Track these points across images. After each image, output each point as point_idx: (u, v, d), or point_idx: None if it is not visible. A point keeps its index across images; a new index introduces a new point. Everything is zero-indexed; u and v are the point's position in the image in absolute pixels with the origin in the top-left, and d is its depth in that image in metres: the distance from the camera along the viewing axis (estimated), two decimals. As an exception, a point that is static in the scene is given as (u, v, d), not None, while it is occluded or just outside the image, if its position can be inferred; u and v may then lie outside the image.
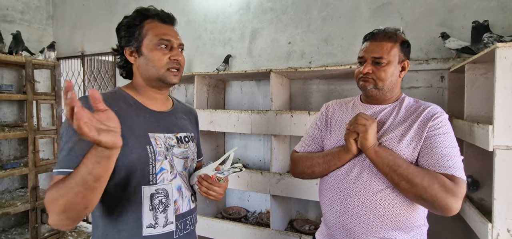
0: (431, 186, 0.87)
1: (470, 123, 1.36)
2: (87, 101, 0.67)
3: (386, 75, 1.00)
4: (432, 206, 0.88)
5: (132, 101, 0.92)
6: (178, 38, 0.94)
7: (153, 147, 0.87)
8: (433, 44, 1.89)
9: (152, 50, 0.90)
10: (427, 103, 1.02)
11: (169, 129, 0.96)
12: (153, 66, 0.90)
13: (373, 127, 0.96)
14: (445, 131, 0.94)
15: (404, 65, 1.03)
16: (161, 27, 0.92)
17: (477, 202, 1.51)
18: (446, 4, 1.86)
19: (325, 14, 2.22)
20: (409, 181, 0.89)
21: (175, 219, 0.91)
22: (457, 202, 0.86)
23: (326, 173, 1.08)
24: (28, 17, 3.20)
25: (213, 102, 2.49)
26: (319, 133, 1.19)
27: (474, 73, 1.48)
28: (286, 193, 1.95)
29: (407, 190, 0.90)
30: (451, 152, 0.91)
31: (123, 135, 0.79)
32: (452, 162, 0.90)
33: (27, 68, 2.61)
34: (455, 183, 0.87)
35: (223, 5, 2.59)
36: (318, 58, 2.26)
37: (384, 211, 0.95)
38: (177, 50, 0.93)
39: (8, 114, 2.94)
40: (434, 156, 0.91)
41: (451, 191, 0.86)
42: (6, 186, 2.97)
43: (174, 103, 1.06)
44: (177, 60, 0.92)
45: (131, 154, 0.83)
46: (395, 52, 1.00)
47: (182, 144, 0.98)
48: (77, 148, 0.76)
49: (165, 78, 0.91)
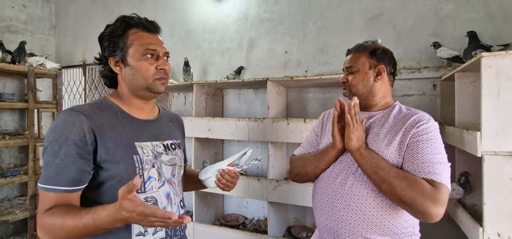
0: (409, 189, 0.88)
1: (460, 129, 1.39)
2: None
3: (356, 81, 1.10)
4: (411, 210, 0.89)
5: (119, 111, 0.92)
6: (163, 47, 0.94)
7: (140, 156, 0.87)
8: (425, 53, 1.95)
9: (139, 61, 0.89)
10: (417, 111, 1.05)
11: (156, 136, 0.96)
12: (141, 76, 0.89)
13: (359, 129, 1.01)
14: (429, 137, 0.96)
15: (379, 69, 1.08)
16: (146, 37, 0.91)
17: (470, 207, 1.53)
18: (437, 14, 1.92)
19: (320, 25, 2.28)
20: (389, 183, 0.92)
21: None
22: (436, 207, 0.85)
23: (317, 171, 1.13)
24: (31, 28, 3.27)
25: (212, 110, 2.53)
26: (315, 138, 1.25)
27: (464, 82, 1.53)
28: (283, 199, 1.97)
29: (388, 192, 0.92)
30: (434, 158, 0.92)
31: (109, 145, 0.83)
32: (433, 167, 0.90)
33: (29, 77, 2.66)
34: (435, 188, 0.87)
35: (221, 16, 2.66)
36: (314, 67, 2.31)
37: (370, 214, 0.98)
38: (163, 59, 0.93)
39: (10, 123, 2.97)
40: (416, 161, 0.93)
41: (429, 195, 0.86)
42: (5, 193, 2.99)
43: (160, 110, 1.06)
44: (164, 70, 0.92)
45: (119, 165, 0.83)
46: (363, 60, 1.10)
47: (170, 151, 0.98)
48: (64, 164, 0.78)
49: (153, 88, 0.91)
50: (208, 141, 2.45)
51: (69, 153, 0.78)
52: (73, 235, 0.75)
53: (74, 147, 0.78)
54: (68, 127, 0.79)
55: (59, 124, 0.80)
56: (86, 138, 0.80)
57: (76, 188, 0.79)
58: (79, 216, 0.74)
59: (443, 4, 1.90)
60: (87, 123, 0.81)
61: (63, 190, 0.77)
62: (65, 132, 0.79)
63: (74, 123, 0.80)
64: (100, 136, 0.83)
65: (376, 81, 1.09)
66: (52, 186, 0.77)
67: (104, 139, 0.83)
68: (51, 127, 0.82)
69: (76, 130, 0.79)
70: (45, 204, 0.77)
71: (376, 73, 1.08)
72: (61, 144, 0.78)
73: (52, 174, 0.77)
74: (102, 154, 0.82)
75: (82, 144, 0.79)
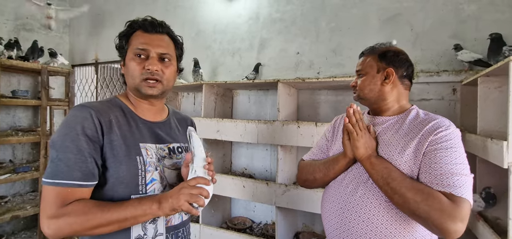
0: (424, 203, 0.81)
1: (484, 138, 1.30)
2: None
3: (363, 84, 1.06)
4: (427, 225, 0.83)
5: (127, 111, 0.91)
6: (158, 47, 0.88)
7: (143, 157, 0.86)
8: (444, 56, 1.85)
9: (129, 61, 0.88)
10: (436, 116, 0.97)
11: (162, 139, 0.94)
12: (130, 76, 0.88)
13: (364, 136, 0.97)
14: (448, 145, 0.88)
15: (388, 73, 1.02)
16: (141, 37, 0.88)
17: (492, 220, 1.44)
18: (458, 15, 1.82)
19: (334, 25, 2.21)
20: (402, 195, 0.85)
21: (166, 230, 0.88)
22: (455, 223, 0.78)
23: (326, 179, 1.08)
24: (46, 26, 3.32)
25: (221, 111, 2.50)
26: (326, 143, 1.20)
27: (488, 87, 1.44)
28: (291, 205, 1.91)
29: (401, 204, 0.86)
30: (453, 168, 0.84)
31: (114, 143, 0.82)
32: (452, 179, 0.83)
33: (42, 74, 2.70)
34: (454, 203, 0.80)
35: (232, 15, 2.63)
36: (326, 68, 2.25)
37: (382, 227, 0.92)
38: (154, 59, 0.87)
39: (23, 119, 3.03)
40: (433, 172, 0.86)
41: (446, 211, 0.78)
42: (18, 189, 3.04)
43: (169, 112, 1.04)
44: (150, 70, 0.86)
45: (121, 165, 0.82)
46: (371, 63, 1.05)
47: (175, 155, 0.95)
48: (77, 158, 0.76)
49: (140, 89, 0.87)
50: (217, 142, 2.42)
51: (82, 146, 0.77)
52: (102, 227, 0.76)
53: (87, 140, 0.78)
54: (80, 121, 0.79)
55: (70, 119, 0.79)
56: (97, 132, 0.80)
57: (90, 184, 0.78)
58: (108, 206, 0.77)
59: (465, 5, 1.80)
60: (97, 118, 0.81)
61: (78, 184, 0.76)
62: (77, 127, 0.78)
63: (86, 117, 0.80)
64: (107, 132, 0.82)
65: (384, 85, 1.02)
66: (65, 181, 0.75)
67: (111, 136, 0.83)
68: (62, 122, 0.81)
69: (88, 124, 0.79)
70: (59, 200, 0.74)
71: (384, 77, 1.02)
72: (73, 138, 0.77)
73: (65, 169, 0.75)
74: (107, 151, 0.82)
75: (94, 138, 0.80)
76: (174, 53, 0.95)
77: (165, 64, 0.90)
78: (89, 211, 0.74)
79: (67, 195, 0.75)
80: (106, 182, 0.82)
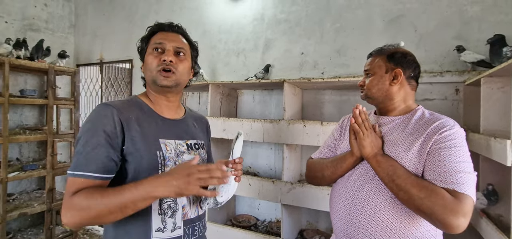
0: (428, 199, 0.85)
1: (487, 137, 1.34)
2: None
3: (371, 84, 1.09)
4: (431, 220, 0.86)
5: (146, 109, 0.96)
6: (173, 41, 0.95)
7: (163, 152, 0.90)
8: (447, 57, 1.89)
9: (148, 56, 0.95)
10: (441, 116, 1.00)
11: (180, 135, 0.99)
12: (148, 69, 0.94)
13: (370, 135, 1.01)
14: (452, 144, 0.91)
15: (396, 73, 1.05)
16: (159, 35, 0.96)
17: (495, 217, 1.47)
18: (462, 16, 1.85)
19: (338, 26, 2.24)
20: (407, 191, 0.89)
21: (183, 224, 0.92)
22: (457, 218, 0.81)
23: (334, 177, 1.12)
24: (51, 26, 3.36)
25: (226, 111, 2.53)
26: (333, 142, 1.24)
27: (491, 87, 1.47)
28: (296, 202, 1.95)
29: (406, 201, 0.89)
30: (457, 166, 0.88)
31: (135, 139, 0.87)
32: (456, 176, 0.86)
33: (49, 74, 2.73)
34: (456, 199, 0.83)
35: (237, 16, 2.66)
36: (330, 68, 2.28)
37: (388, 221, 0.95)
38: (169, 52, 0.93)
39: (30, 118, 3.06)
40: (437, 170, 0.89)
41: (449, 206, 0.82)
42: (24, 187, 3.08)
43: (186, 111, 1.09)
44: (165, 61, 0.92)
45: (142, 159, 0.86)
46: (379, 63, 1.08)
47: (192, 151, 1.00)
48: (95, 152, 0.80)
49: (156, 80, 0.92)
50: (222, 141, 2.45)
51: (100, 142, 0.81)
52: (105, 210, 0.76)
53: (105, 137, 0.82)
54: (101, 119, 0.84)
55: (92, 116, 0.85)
56: (117, 129, 0.84)
57: (105, 176, 0.82)
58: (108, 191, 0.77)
59: (468, 6, 1.83)
60: (118, 115, 0.86)
61: (93, 176, 0.80)
62: (98, 123, 0.83)
63: (106, 115, 0.85)
64: (127, 129, 0.86)
65: (392, 85, 1.05)
66: (82, 172, 0.79)
67: (131, 132, 0.87)
68: (85, 119, 0.87)
69: (108, 121, 0.84)
70: (73, 189, 0.79)
71: (392, 77, 1.05)
72: (93, 134, 0.82)
73: (83, 161, 0.80)
74: (129, 146, 0.86)
75: (113, 135, 0.83)
76: (189, 51, 1.01)
77: (180, 58, 0.96)
78: (91, 196, 0.76)
79: (82, 186, 0.79)
80: (127, 175, 0.86)
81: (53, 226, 2.77)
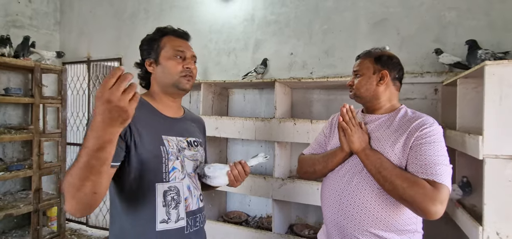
0: (410, 188, 0.94)
1: (462, 133, 1.46)
2: None
3: (360, 84, 1.17)
4: (412, 208, 0.96)
5: (149, 107, 1.03)
6: (191, 51, 1.08)
7: (166, 147, 0.97)
8: (427, 59, 2.01)
9: (168, 60, 1.03)
10: (422, 115, 1.10)
11: (181, 133, 1.06)
12: (169, 73, 1.02)
13: (357, 132, 1.10)
14: (432, 140, 1.01)
15: (383, 74, 1.14)
16: (176, 41, 1.06)
17: (469, 208, 1.60)
18: (440, 21, 1.98)
19: (326, 28, 2.33)
20: (392, 182, 0.98)
21: (186, 215, 0.99)
22: (435, 205, 0.91)
23: (325, 171, 1.20)
24: (36, 23, 3.27)
25: (218, 110, 2.57)
26: (324, 139, 1.32)
27: (466, 87, 1.59)
28: (287, 197, 2.02)
29: (391, 190, 0.99)
30: (436, 159, 0.97)
31: (143, 135, 0.92)
32: (435, 168, 0.95)
33: (35, 72, 2.67)
34: (435, 188, 0.92)
35: (228, 16, 2.70)
36: (319, 69, 2.37)
37: (374, 210, 1.05)
38: (190, 60, 1.06)
39: (13, 117, 2.98)
40: (418, 162, 0.99)
41: (429, 195, 0.91)
42: (8, 187, 2.99)
43: (185, 111, 1.17)
44: (190, 68, 1.04)
45: (147, 153, 0.92)
46: (367, 64, 1.17)
47: (192, 147, 1.08)
48: None
49: (178, 84, 1.02)
50: (214, 139, 2.49)
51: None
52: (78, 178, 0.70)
53: None
54: None
55: None
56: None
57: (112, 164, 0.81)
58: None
59: (446, 12, 1.97)
60: None
61: None
62: None
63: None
64: (133, 124, 0.92)
65: (379, 86, 1.14)
66: None
67: (138, 127, 0.93)
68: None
69: None
70: None
71: (379, 78, 1.14)
72: None
73: None
74: (138, 140, 0.91)
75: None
76: None
77: (195, 65, 1.09)
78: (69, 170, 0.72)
79: None
80: (133, 169, 0.91)
81: (40, 227, 2.72)
